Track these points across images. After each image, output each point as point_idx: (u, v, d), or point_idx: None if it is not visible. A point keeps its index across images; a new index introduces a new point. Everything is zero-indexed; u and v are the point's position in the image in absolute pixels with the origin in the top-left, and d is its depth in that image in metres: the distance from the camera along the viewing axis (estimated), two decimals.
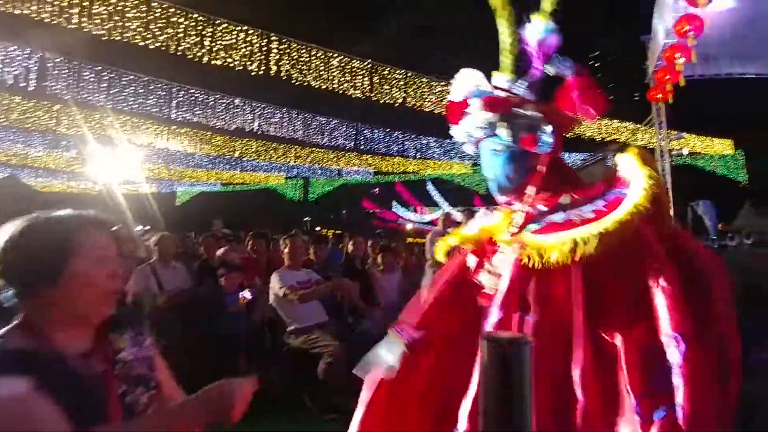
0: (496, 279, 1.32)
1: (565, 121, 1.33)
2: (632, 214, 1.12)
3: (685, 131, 12.86)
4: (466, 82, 1.38)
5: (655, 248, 1.14)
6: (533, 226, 1.28)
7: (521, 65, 1.34)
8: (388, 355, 1.37)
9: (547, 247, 1.19)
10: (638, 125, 11.48)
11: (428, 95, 9.43)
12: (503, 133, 1.30)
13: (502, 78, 1.36)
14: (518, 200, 1.34)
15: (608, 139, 11.82)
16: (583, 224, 1.17)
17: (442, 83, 9.14)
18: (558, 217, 1.24)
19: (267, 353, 4.03)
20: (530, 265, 1.23)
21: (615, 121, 11.61)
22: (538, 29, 1.32)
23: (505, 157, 1.32)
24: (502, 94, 1.31)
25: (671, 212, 1.21)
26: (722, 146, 12.99)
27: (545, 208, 1.28)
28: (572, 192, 1.29)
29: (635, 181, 1.17)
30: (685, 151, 13.09)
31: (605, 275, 1.14)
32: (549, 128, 1.26)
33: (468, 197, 18.01)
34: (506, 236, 1.34)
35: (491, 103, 1.29)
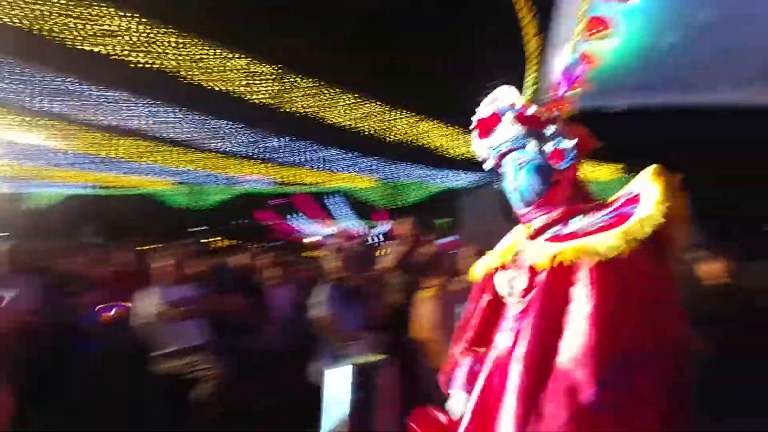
0: (520, 280, 1.44)
1: (585, 140, 1.48)
2: (638, 227, 1.24)
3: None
4: (498, 98, 1.50)
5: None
6: (548, 235, 1.42)
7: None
8: (457, 408, 1.53)
9: (558, 253, 1.31)
10: None
11: (337, 107, 9.39)
12: (532, 146, 1.43)
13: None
14: (539, 212, 1.46)
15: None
16: (594, 233, 1.31)
17: (354, 95, 9.15)
18: (573, 227, 1.38)
19: (137, 378, 3.60)
20: (542, 270, 1.34)
21: None
22: (566, 57, 1.52)
23: (530, 169, 1.44)
24: (531, 111, 1.45)
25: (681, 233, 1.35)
26: (611, 171, 14.42)
27: (562, 219, 1.43)
28: (586, 204, 1.44)
29: (646, 197, 1.31)
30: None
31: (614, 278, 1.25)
32: (573, 144, 1.42)
33: (371, 211, 18.34)
34: (523, 242, 1.49)
35: (523, 118, 1.43)
